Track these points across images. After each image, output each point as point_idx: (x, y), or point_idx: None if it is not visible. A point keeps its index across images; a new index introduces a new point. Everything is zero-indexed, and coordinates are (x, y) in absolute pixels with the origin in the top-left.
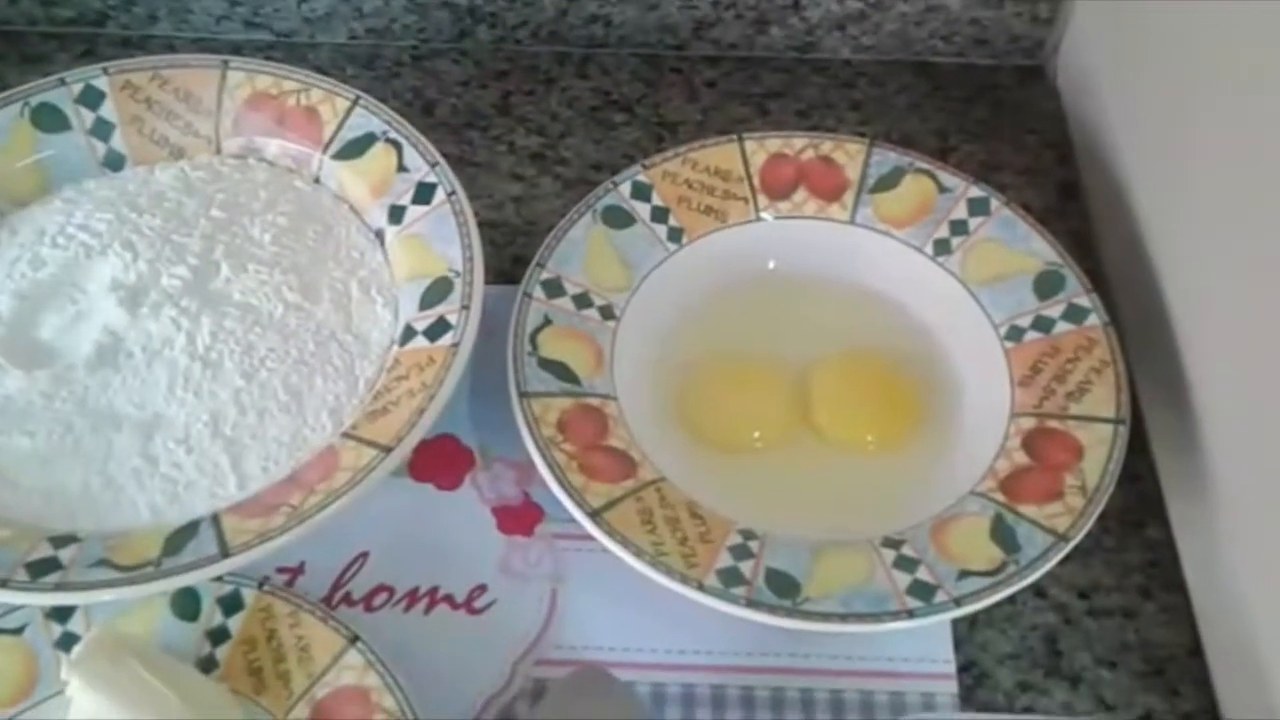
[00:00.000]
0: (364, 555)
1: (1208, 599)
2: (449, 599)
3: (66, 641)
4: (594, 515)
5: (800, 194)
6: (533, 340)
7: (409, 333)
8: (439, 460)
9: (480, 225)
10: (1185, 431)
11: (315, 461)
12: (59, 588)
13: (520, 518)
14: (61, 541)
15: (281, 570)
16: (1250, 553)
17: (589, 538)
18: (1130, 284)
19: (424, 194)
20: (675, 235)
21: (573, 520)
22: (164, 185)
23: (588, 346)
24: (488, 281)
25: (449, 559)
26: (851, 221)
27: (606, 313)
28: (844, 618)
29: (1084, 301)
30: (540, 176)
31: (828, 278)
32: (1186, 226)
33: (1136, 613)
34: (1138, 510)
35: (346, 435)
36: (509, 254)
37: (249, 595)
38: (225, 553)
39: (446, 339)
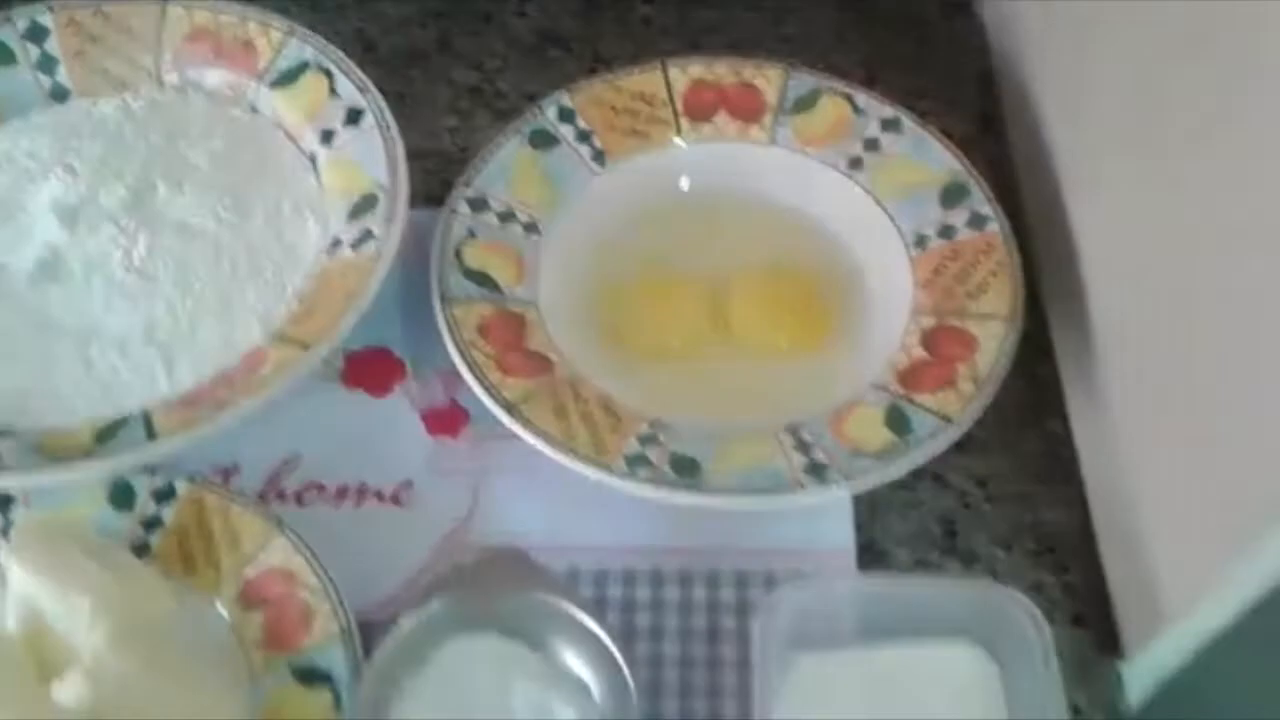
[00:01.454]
0: (296, 456)
1: (1100, 485)
2: (377, 494)
3: (8, 531)
4: (510, 408)
5: (721, 117)
6: (456, 252)
7: (336, 244)
8: (370, 369)
9: (416, 154)
10: (1084, 335)
11: (243, 362)
12: None
13: (447, 421)
14: None
15: (217, 470)
16: (1140, 444)
17: (512, 437)
18: (1041, 205)
19: (354, 117)
20: (599, 157)
21: (497, 422)
22: (106, 115)
23: (510, 259)
24: (422, 206)
25: (378, 458)
26: (771, 142)
27: (530, 228)
28: (740, 493)
29: (986, 210)
30: (476, 109)
31: (747, 196)
32: (1089, 148)
33: (1032, 498)
34: (1039, 407)
35: (274, 337)
36: (441, 179)
37: (182, 487)
38: (152, 437)
39: (371, 248)
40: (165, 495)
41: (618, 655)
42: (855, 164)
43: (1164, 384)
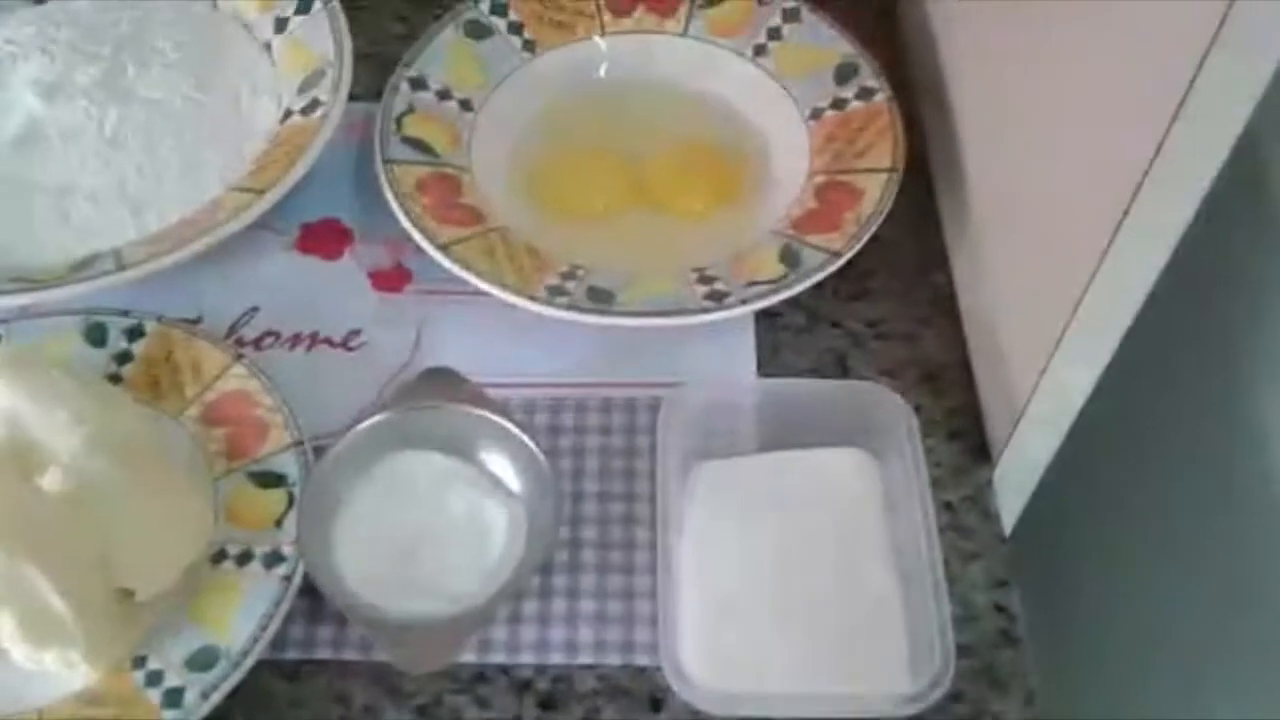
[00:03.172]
0: (255, 309)
1: (976, 325)
2: (328, 340)
3: None
4: (443, 248)
5: (640, 11)
6: (397, 122)
7: (288, 115)
8: (323, 237)
9: (365, 56)
10: (963, 196)
11: (202, 209)
12: None
13: (392, 279)
14: None
15: (183, 321)
16: (1007, 288)
17: (450, 291)
18: (929, 84)
19: (304, 5)
20: (529, 46)
21: (437, 278)
22: (80, 9)
23: (446, 130)
24: (370, 99)
25: (329, 311)
26: (684, 34)
27: (465, 105)
28: (649, 314)
29: (873, 83)
30: (420, 14)
31: (661, 81)
32: (971, 30)
33: (916, 337)
34: (925, 261)
35: (230, 189)
36: (388, 77)
37: (150, 326)
38: (121, 267)
39: (319, 112)
40: (135, 333)
41: (540, 458)
42: (760, 51)
43: (1028, 237)
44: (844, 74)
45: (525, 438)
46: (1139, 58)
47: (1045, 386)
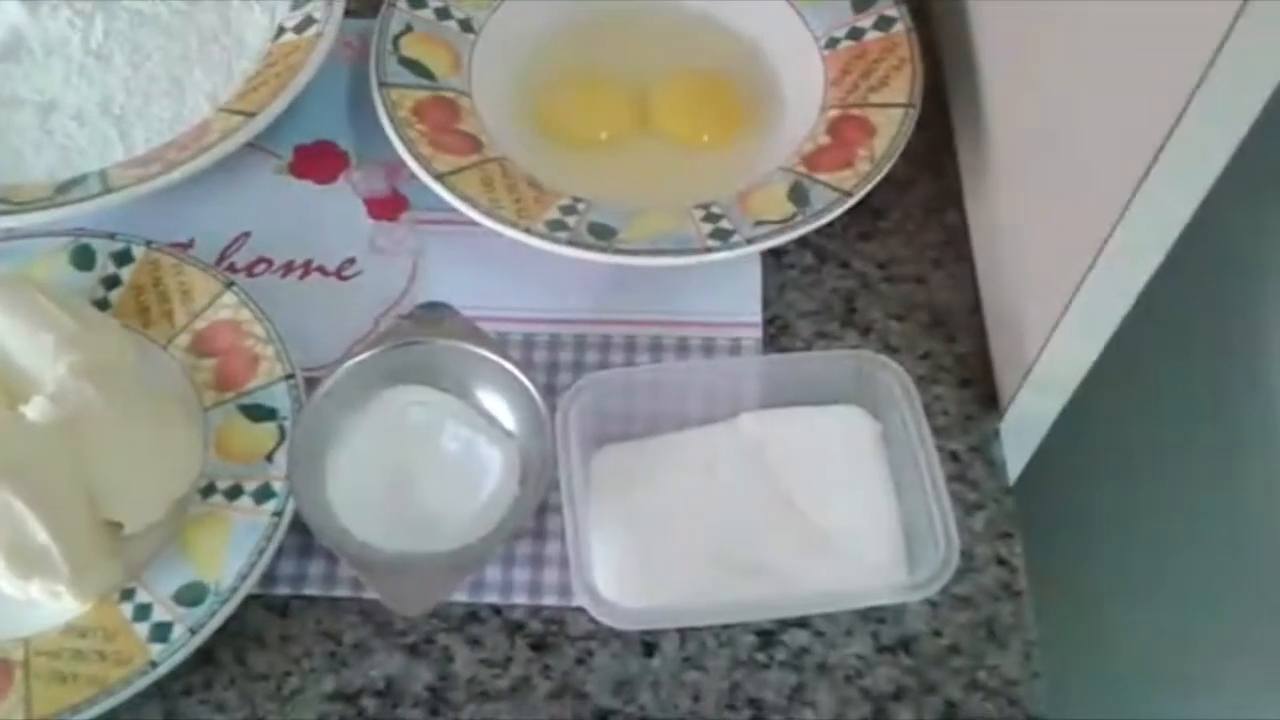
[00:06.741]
0: (247, 234)
1: (988, 267)
2: (321, 269)
3: None
4: (440, 178)
5: None
6: (394, 42)
7: (280, 31)
8: (317, 161)
9: None
10: (982, 133)
11: (192, 131)
12: None
13: (388, 206)
14: None
15: (173, 244)
16: (1023, 240)
17: (446, 220)
18: (949, 11)
19: None
20: None
21: (433, 207)
22: None
23: (446, 51)
24: (367, 15)
25: (323, 238)
26: None
27: (466, 26)
28: (651, 254)
29: (893, 12)
30: None
31: (674, 6)
32: None
33: (927, 280)
34: (940, 201)
35: (220, 109)
36: None
37: (138, 251)
38: (107, 190)
39: (312, 30)
40: (124, 258)
41: (537, 397)
42: None
43: (1048, 185)
44: (862, 1)
45: (521, 375)
46: None
47: (1055, 346)
